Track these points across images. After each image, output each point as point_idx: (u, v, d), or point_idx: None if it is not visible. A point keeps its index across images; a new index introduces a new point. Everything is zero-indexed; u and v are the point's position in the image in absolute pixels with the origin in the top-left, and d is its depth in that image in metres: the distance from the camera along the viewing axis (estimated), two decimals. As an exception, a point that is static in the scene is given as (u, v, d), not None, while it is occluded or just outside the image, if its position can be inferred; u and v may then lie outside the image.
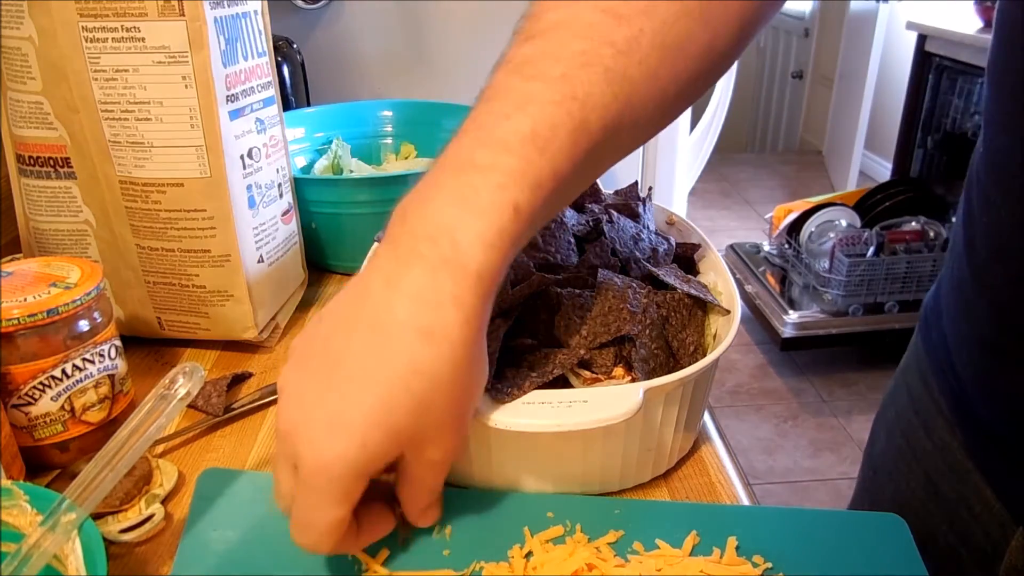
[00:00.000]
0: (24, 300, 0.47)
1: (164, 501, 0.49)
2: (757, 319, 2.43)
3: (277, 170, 0.67)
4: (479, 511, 0.46)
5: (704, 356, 0.50)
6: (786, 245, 2.38)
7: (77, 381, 0.50)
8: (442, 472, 0.38)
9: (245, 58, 0.61)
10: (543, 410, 0.43)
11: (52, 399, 0.50)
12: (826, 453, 2.06)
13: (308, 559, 0.43)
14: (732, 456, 0.54)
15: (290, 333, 0.70)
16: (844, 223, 2.26)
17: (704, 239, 0.62)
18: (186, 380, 0.43)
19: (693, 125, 2.06)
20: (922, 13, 2.57)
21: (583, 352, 0.47)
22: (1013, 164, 0.45)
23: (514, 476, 0.47)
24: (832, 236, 2.21)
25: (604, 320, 0.48)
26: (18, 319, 0.47)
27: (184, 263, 0.62)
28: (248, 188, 0.62)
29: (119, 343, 0.54)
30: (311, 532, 0.36)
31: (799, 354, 2.44)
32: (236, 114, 0.60)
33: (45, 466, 0.52)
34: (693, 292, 0.53)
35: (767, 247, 2.58)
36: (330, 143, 0.92)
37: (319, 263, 0.81)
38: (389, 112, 0.99)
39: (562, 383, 0.47)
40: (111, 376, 0.53)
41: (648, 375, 0.47)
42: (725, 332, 0.50)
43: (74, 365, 0.50)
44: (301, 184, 0.74)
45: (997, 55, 0.45)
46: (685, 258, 0.60)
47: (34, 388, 0.49)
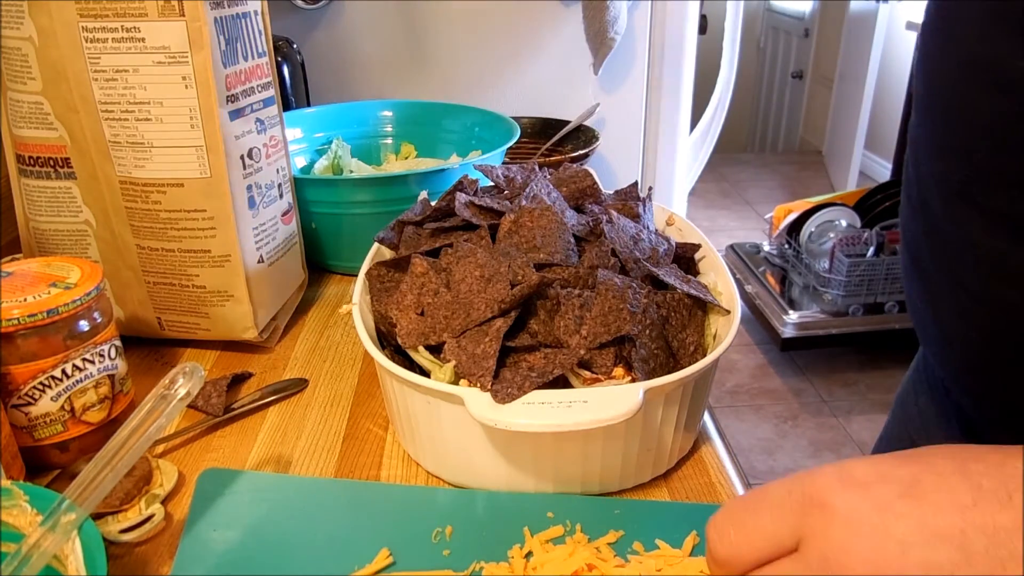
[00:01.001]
0: (24, 300, 0.47)
1: (164, 501, 0.49)
2: (757, 319, 2.43)
3: (277, 170, 0.67)
4: (479, 511, 0.46)
5: (704, 356, 0.50)
6: (786, 245, 2.38)
7: (77, 381, 0.50)
8: None
9: (245, 58, 0.61)
10: (543, 410, 0.43)
11: (52, 399, 0.50)
12: (826, 453, 2.06)
13: (307, 559, 0.43)
14: (732, 456, 0.54)
15: (290, 333, 0.70)
16: (844, 223, 2.26)
17: (704, 239, 0.62)
18: (186, 380, 0.43)
19: (693, 125, 2.06)
20: (922, 13, 2.56)
21: (583, 352, 0.47)
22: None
23: (514, 476, 0.47)
24: (832, 236, 2.21)
25: (604, 320, 0.48)
26: (18, 319, 0.47)
27: (184, 263, 0.62)
28: (248, 188, 0.62)
29: (119, 343, 0.54)
30: None
31: (799, 354, 2.44)
32: (236, 114, 0.60)
33: (45, 466, 0.52)
34: (693, 292, 0.53)
35: (767, 247, 2.58)
36: (330, 143, 0.92)
37: (319, 263, 0.81)
38: (389, 112, 0.99)
39: (562, 383, 0.47)
40: (111, 376, 0.53)
41: (648, 375, 0.47)
42: (725, 332, 0.50)
43: (74, 365, 0.50)
44: (301, 184, 0.74)
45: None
46: (685, 258, 0.60)
47: (34, 388, 0.49)
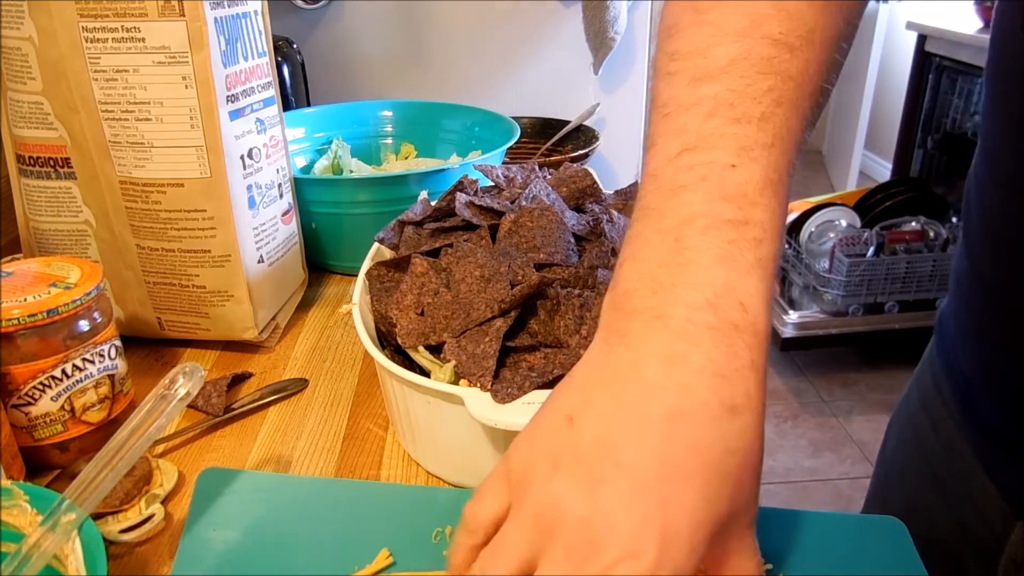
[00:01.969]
0: (24, 300, 0.47)
1: (164, 501, 0.49)
2: (757, 319, 2.42)
3: (277, 170, 0.67)
4: (479, 511, 0.46)
5: (704, 356, 0.50)
6: (786, 245, 2.38)
7: (77, 381, 0.50)
8: (750, 538, 0.33)
9: (245, 58, 0.61)
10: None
11: (52, 399, 0.50)
12: (826, 453, 2.06)
13: (307, 559, 0.43)
14: (732, 456, 0.54)
15: (290, 333, 0.70)
16: (844, 223, 2.26)
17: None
18: (186, 380, 0.43)
19: (693, 125, 2.06)
20: (922, 13, 2.57)
21: (583, 352, 0.47)
22: (1004, 153, 0.47)
23: (514, 476, 0.47)
24: (832, 236, 2.21)
25: (604, 320, 0.48)
26: (18, 319, 0.47)
27: (184, 263, 0.62)
28: (248, 188, 0.62)
29: (119, 343, 0.54)
30: None
31: (799, 354, 2.44)
32: (236, 114, 0.60)
33: (45, 466, 0.52)
34: (693, 292, 0.52)
35: (767, 247, 2.57)
36: (330, 143, 0.92)
37: (319, 263, 0.81)
38: (389, 112, 0.99)
39: (562, 383, 0.47)
40: (111, 376, 0.53)
41: (648, 375, 0.47)
42: (725, 332, 0.50)
43: (74, 365, 0.50)
44: (301, 184, 0.74)
45: (992, 53, 0.48)
46: (685, 258, 0.60)
47: (34, 388, 0.49)
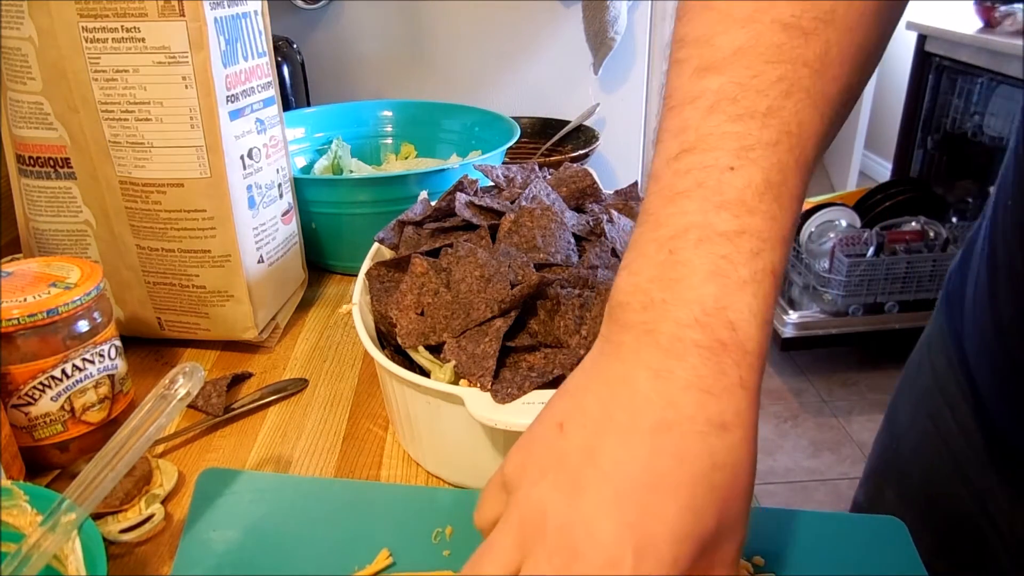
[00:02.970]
0: (24, 300, 0.47)
1: (164, 501, 0.49)
2: (757, 319, 2.42)
3: (277, 170, 0.67)
4: (479, 511, 0.46)
5: (704, 356, 0.50)
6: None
7: (77, 381, 0.50)
8: (736, 566, 0.32)
9: (245, 58, 0.61)
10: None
11: (52, 399, 0.50)
12: (826, 453, 2.06)
13: (307, 559, 0.43)
14: (732, 456, 0.54)
15: (290, 333, 0.70)
16: (844, 223, 2.25)
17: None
18: (186, 380, 0.43)
19: (693, 125, 2.06)
20: (922, 13, 2.56)
21: (583, 352, 0.47)
22: None
23: (514, 476, 0.47)
24: (832, 236, 2.21)
25: (604, 320, 0.48)
26: (18, 319, 0.47)
27: (184, 263, 0.62)
28: (248, 188, 0.62)
29: (119, 343, 0.54)
30: None
31: (799, 354, 2.44)
32: (236, 114, 0.60)
33: (45, 466, 0.52)
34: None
35: (767, 247, 2.57)
36: (330, 143, 0.92)
37: (319, 263, 0.81)
38: (389, 112, 0.99)
39: (562, 383, 0.47)
40: (111, 376, 0.53)
41: (648, 375, 0.47)
42: (725, 332, 0.50)
43: (74, 365, 0.50)
44: (301, 184, 0.74)
45: None
46: (685, 258, 0.60)
47: (34, 388, 0.49)
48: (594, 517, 0.29)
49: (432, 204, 0.61)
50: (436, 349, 0.49)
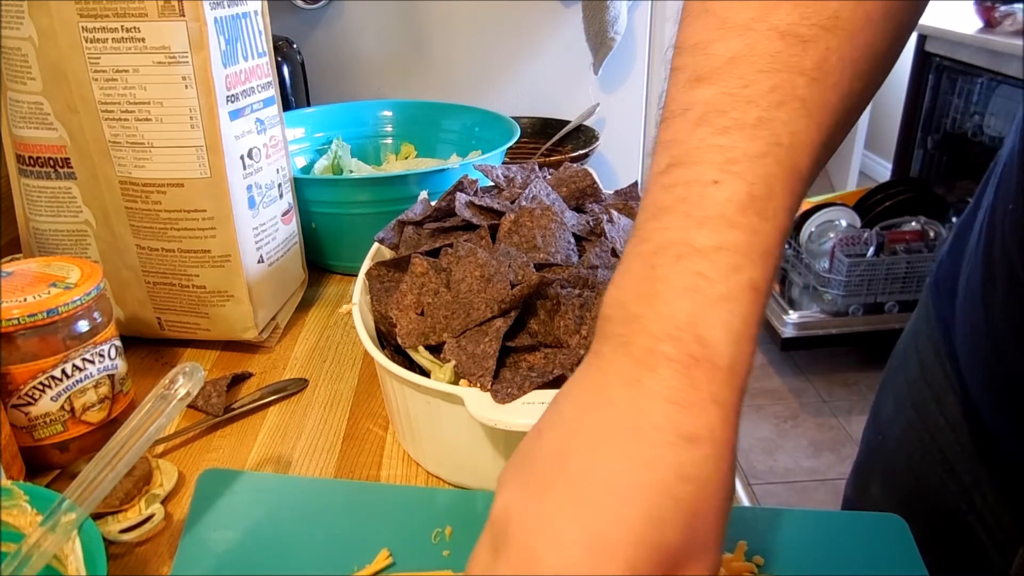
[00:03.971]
0: (24, 300, 0.47)
1: (164, 501, 0.49)
2: (757, 319, 2.42)
3: (277, 170, 0.67)
4: (479, 511, 0.46)
5: (704, 356, 0.50)
6: (786, 245, 2.38)
7: (77, 381, 0.50)
8: None
9: (245, 58, 0.61)
10: (543, 410, 0.42)
11: (52, 399, 0.50)
12: (826, 453, 2.06)
13: (308, 559, 0.43)
14: (732, 456, 0.54)
15: (290, 333, 0.70)
16: (844, 223, 2.25)
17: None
18: (186, 380, 0.43)
19: (693, 125, 2.06)
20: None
21: (583, 352, 0.47)
22: None
23: (514, 476, 0.47)
24: (832, 236, 2.21)
25: (604, 320, 0.48)
26: (18, 319, 0.47)
27: (184, 263, 0.62)
28: (248, 188, 0.62)
29: (119, 343, 0.54)
30: None
31: (799, 354, 2.44)
32: (236, 114, 0.60)
33: (45, 466, 0.52)
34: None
35: (767, 247, 2.57)
36: (330, 143, 0.92)
37: (319, 263, 0.81)
38: (389, 112, 0.99)
39: (562, 383, 0.47)
40: (111, 376, 0.53)
41: (648, 375, 0.47)
42: (725, 332, 0.50)
43: (74, 365, 0.50)
44: (301, 184, 0.74)
45: None
46: (685, 258, 0.60)
47: (34, 388, 0.49)
48: (555, 519, 0.29)
49: (432, 204, 0.61)
50: (436, 349, 0.49)
